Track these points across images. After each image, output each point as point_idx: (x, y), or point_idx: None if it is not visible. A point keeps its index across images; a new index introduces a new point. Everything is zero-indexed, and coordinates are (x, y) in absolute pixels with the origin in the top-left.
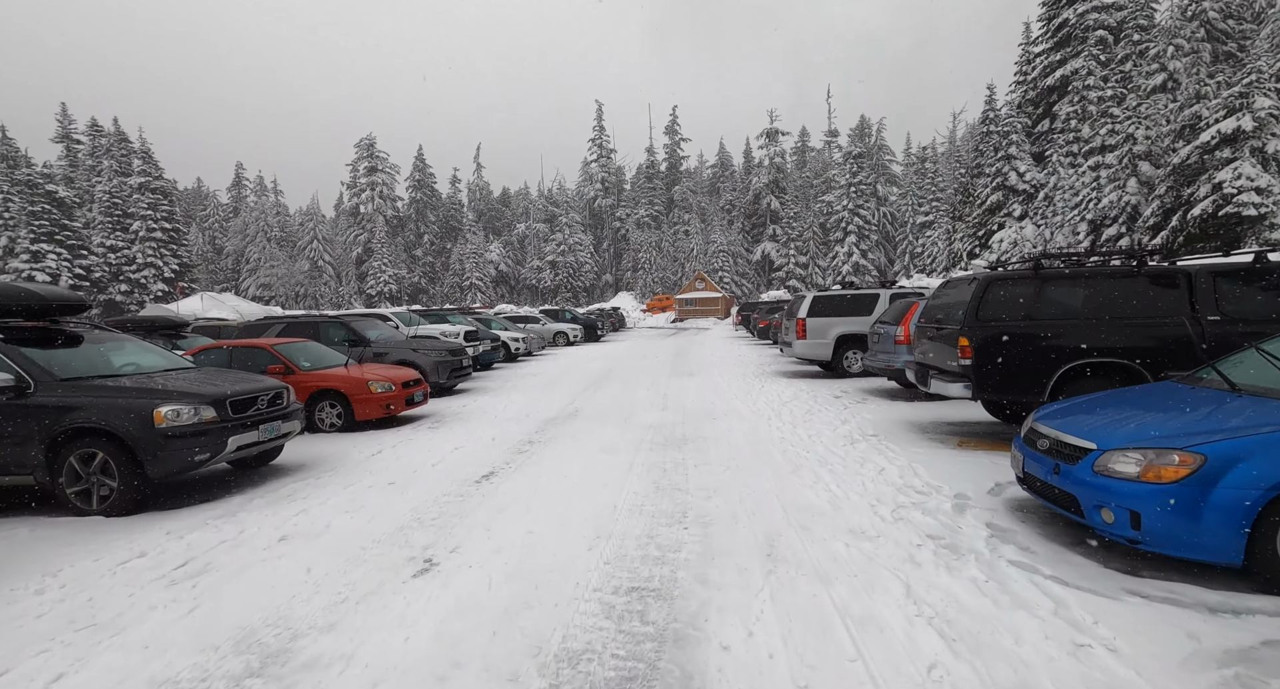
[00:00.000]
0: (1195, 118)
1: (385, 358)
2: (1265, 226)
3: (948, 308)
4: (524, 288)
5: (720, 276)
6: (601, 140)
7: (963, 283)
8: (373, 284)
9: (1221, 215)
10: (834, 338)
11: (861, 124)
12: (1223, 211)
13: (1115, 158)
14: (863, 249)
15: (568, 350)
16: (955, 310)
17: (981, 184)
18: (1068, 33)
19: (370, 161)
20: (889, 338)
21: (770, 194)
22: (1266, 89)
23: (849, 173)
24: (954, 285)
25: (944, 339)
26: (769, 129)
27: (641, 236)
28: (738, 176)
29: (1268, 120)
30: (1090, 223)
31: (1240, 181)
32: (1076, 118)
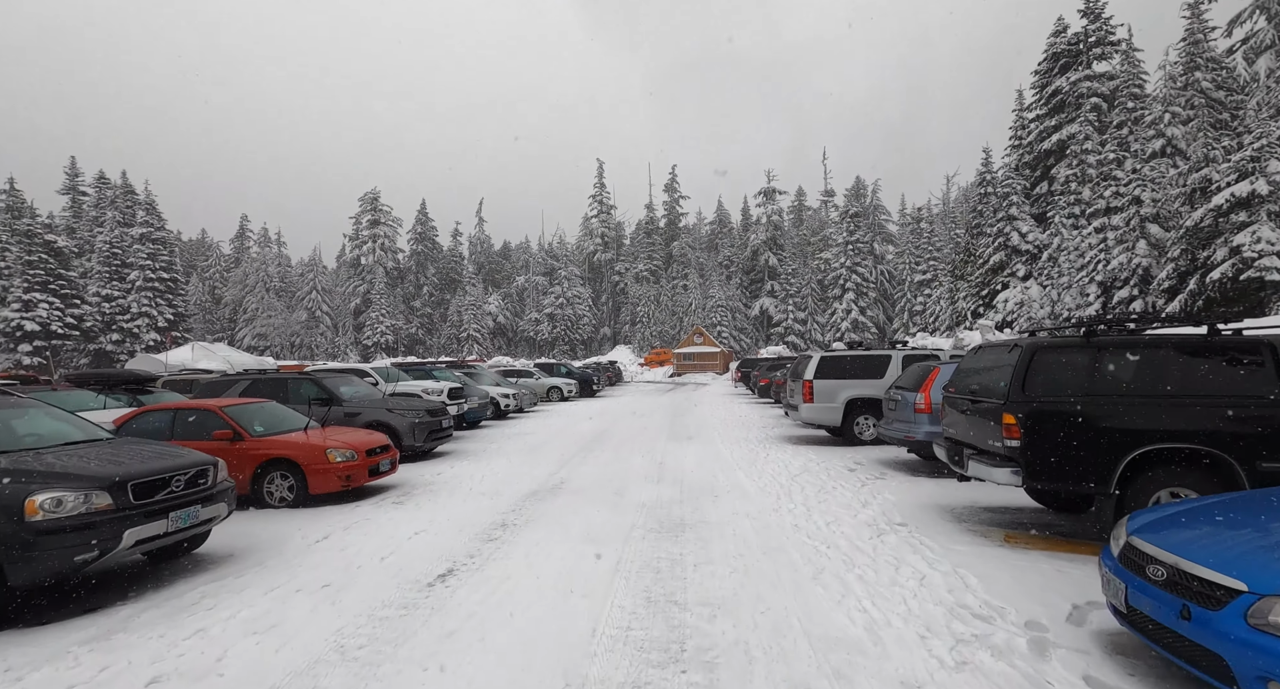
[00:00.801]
0: (1205, 181)
1: (357, 418)
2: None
3: (982, 376)
4: (522, 340)
5: (718, 331)
6: (602, 196)
7: (1000, 349)
8: (370, 335)
9: (1244, 280)
10: (844, 402)
11: (857, 185)
12: (1244, 276)
13: (1122, 220)
14: (861, 306)
15: (561, 407)
16: (993, 380)
17: (983, 244)
18: (1061, 100)
19: (373, 214)
20: (907, 405)
21: (768, 250)
22: (1279, 153)
23: (846, 231)
24: (990, 351)
25: (983, 414)
26: (766, 188)
27: (640, 290)
28: (735, 233)
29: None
30: (1100, 285)
31: (1260, 245)
32: (1076, 180)
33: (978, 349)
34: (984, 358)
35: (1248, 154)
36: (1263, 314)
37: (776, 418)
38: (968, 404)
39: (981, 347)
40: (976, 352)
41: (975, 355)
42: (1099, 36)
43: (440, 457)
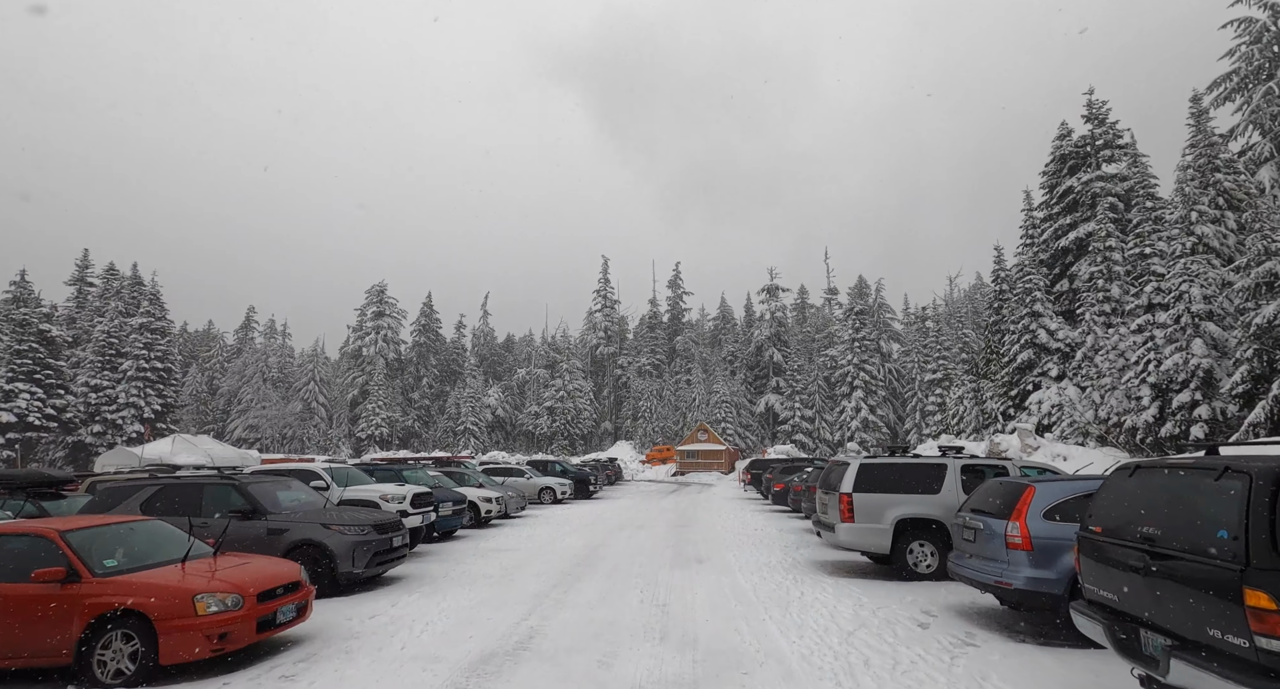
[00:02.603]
0: (1271, 274)
1: (281, 537)
2: None
3: (1157, 514)
4: (520, 434)
5: (723, 428)
6: (606, 291)
7: (1194, 474)
8: (364, 427)
9: None
10: (892, 522)
11: (859, 283)
12: None
13: (1169, 317)
14: (871, 404)
15: (553, 511)
16: (1187, 523)
17: (1009, 341)
18: (1074, 199)
19: (379, 306)
20: (994, 537)
21: (772, 346)
22: None
23: (852, 328)
24: (1157, 475)
25: (1186, 581)
26: (769, 285)
27: (643, 385)
28: (739, 329)
29: None
30: (1154, 387)
31: None
32: (1102, 277)
33: (1127, 469)
34: (1148, 483)
35: None
36: None
37: (799, 532)
38: (1140, 558)
39: (1139, 467)
40: (1131, 473)
41: (1129, 479)
42: (1106, 139)
43: (386, 584)
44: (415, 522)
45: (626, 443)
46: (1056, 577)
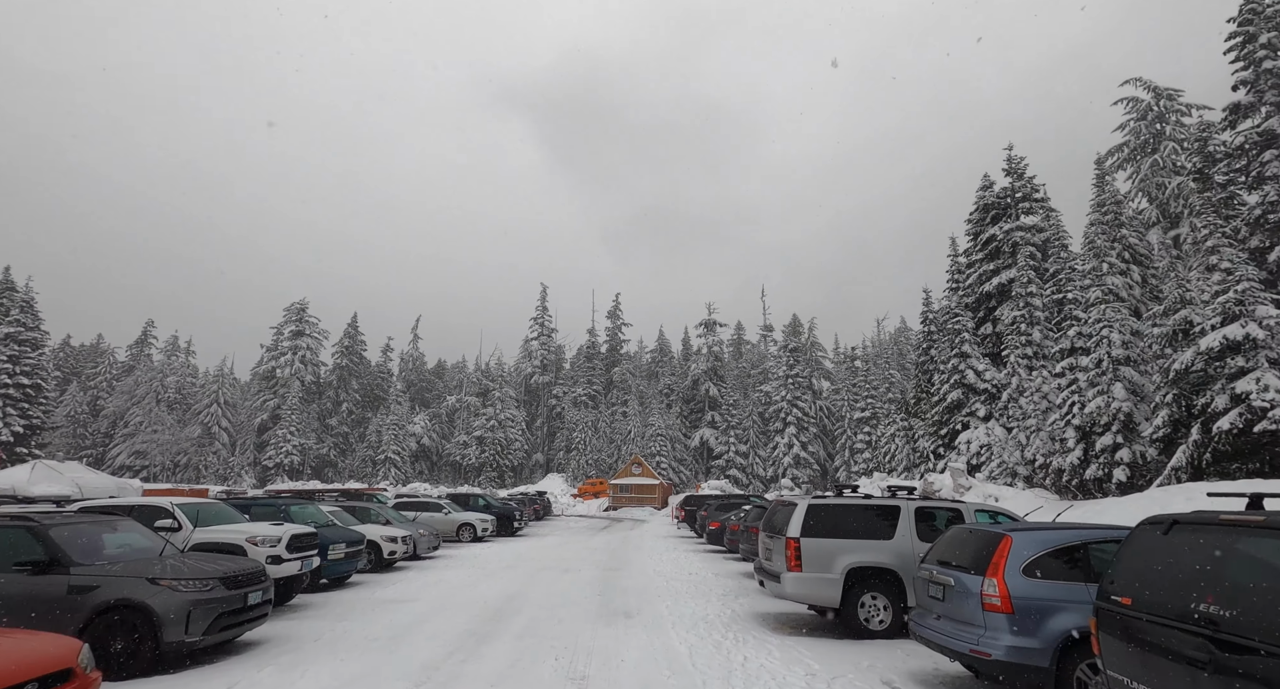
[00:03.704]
0: (1186, 322)
1: (89, 595)
2: None
3: (1214, 586)
4: (447, 464)
5: (657, 461)
6: (544, 319)
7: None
8: (273, 455)
9: (1257, 432)
10: (843, 572)
11: (794, 322)
12: (1258, 428)
13: (1091, 362)
14: (803, 441)
15: (471, 551)
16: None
17: (938, 381)
18: (997, 247)
19: (298, 325)
20: (967, 596)
21: (709, 381)
22: (1263, 297)
23: (786, 364)
24: (1216, 534)
25: None
26: (707, 319)
27: (578, 415)
28: (677, 362)
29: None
30: (1078, 429)
31: (1270, 395)
32: (1024, 321)
33: (1166, 526)
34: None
35: (1231, 297)
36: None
37: (736, 577)
38: (1201, 647)
39: (1177, 522)
40: (1166, 530)
41: (1164, 537)
42: (1024, 192)
43: (237, 653)
44: (291, 569)
45: (558, 475)
46: (1041, 646)
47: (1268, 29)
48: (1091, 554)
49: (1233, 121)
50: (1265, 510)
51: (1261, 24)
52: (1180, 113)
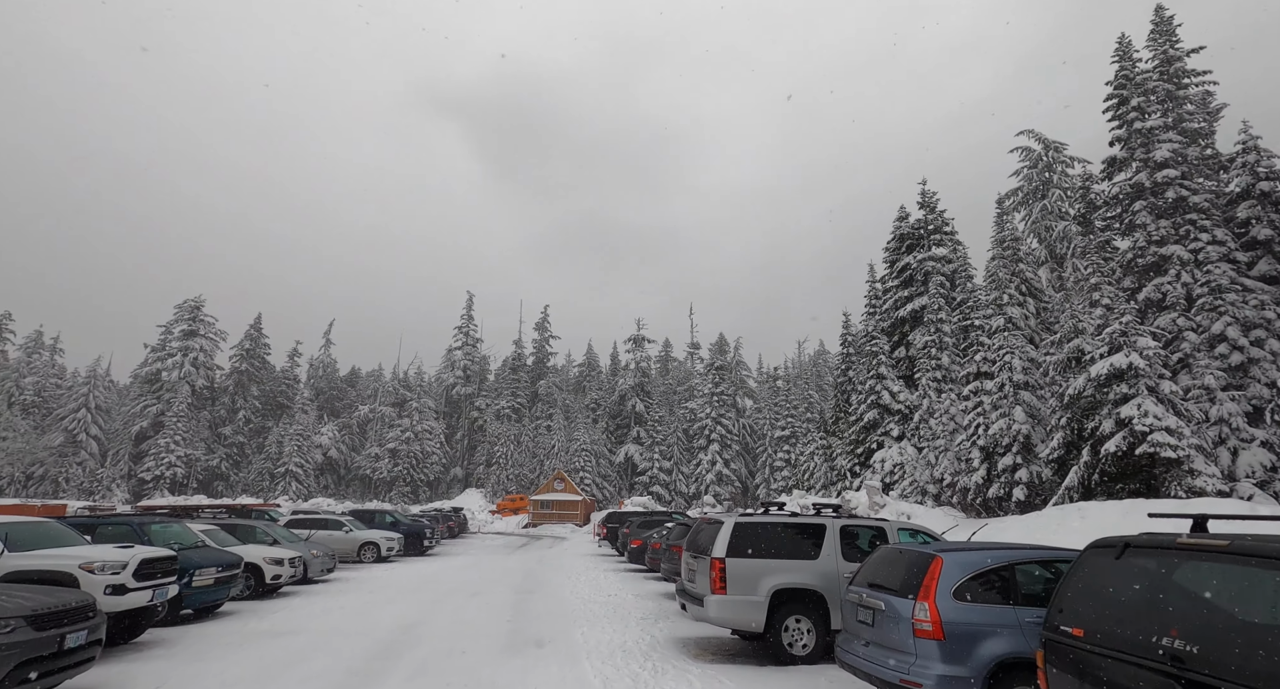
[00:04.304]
0: (1079, 351)
1: None
2: (1184, 472)
3: (1180, 619)
4: (356, 478)
5: (581, 477)
6: (469, 329)
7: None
8: (151, 467)
9: (1138, 454)
10: (768, 594)
11: (720, 340)
12: (1139, 450)
13: (994, 386)
14: (725, 458)
15: (372, 573)
16: (1241, 640)
17: (856, 401)
18: (910, 275)
19: (191, 324)
20: (898, 621)
21: (636, 396)
22: (1140, 330)
23: (712, 382)
24: (1175, 559)
25: None
26: (636, 335)
27: (500, 428)
28: (604, 377)
29: (1155, 360)
30: (983, 450)
31: (1149, 420)
32: (934, 347)
33: (1119, 550)
34: (1156, 572)
35: (1116, 329)
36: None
37: (657, 598)
38: (1167, 687)
39: (1130, 545)
40: (1120, 554)
41: (1117, 562)
42: (936, 225)
43: None
44: (139, 599)
45: (477, 491)
46: (971, 674)
47: (1138, 94)
48: (1017, 575)
49: (1109, 173)
50: (1227, 534)
51: (1133, 90)
52: (1065, 164)
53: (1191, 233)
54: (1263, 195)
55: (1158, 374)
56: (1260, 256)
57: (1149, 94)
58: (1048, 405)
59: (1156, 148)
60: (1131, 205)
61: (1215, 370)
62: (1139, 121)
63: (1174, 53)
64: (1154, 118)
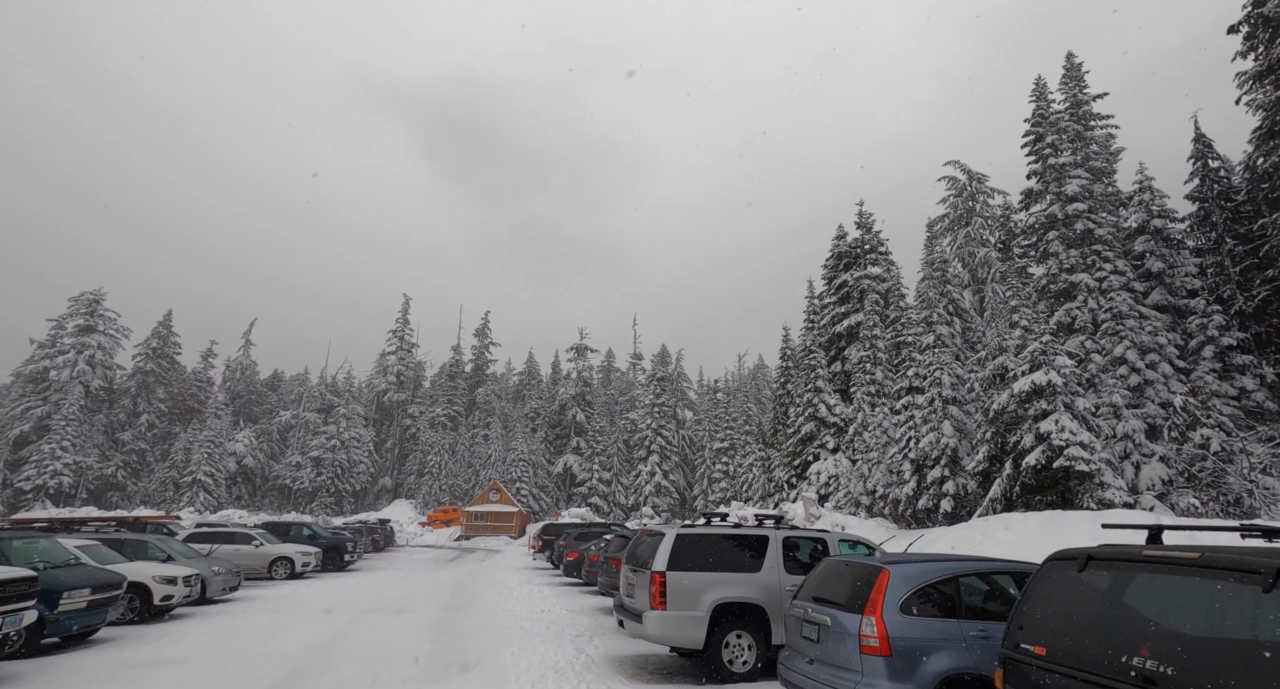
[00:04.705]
0: (1003, 368)
1: None
2: (1095, 484)
3: (1151, 636)
4: (274, 489)
5: (518, 488)
6: (404, 333)
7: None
8: (32, 475)
9: (1056, 467)
10: (709, 608)
11: (662, 352)
12: (1056, 464)
13: (925, 400)
14: (664, 469)
15: (284, 590)
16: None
17: (794, 414)
18: (847, 292)
19: (88, 319)
20: (844, 637)
21: (576, 406)
22: (1058, 350)
23: (653, 393)
24: (1141, 572)
25: None
26: (579, 344)
27: (435, 437)
28: (545, 386)
29: (1071, 378)
30: (913, 463)
31: (1065, 434)
32: (869, 362)
33: (1081, 563)
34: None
35: (1036, 348)
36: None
37: (593, 613)
38: None
39: (1093, 558)
40: (1082, 567)
41: (1080, 575)
42: (871, 244)
43: None
44: None
45: (407, 502)
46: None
47: (1052, 132)
48: (961, 588)
49: (1027, 204)
50: (1197, 546)
51: (1047, 128)
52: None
53: (1097, 262)
54: (1155, 231)
55: (1072, 392)
56: (1154, 287)
57: (1061, 133)
58: (974, 420)
59: (1068, 182)
60: (1046, 235)
61: (1121, 390)
62: (1052, 157)
63: (1082, 96)
64: (1065, 155)
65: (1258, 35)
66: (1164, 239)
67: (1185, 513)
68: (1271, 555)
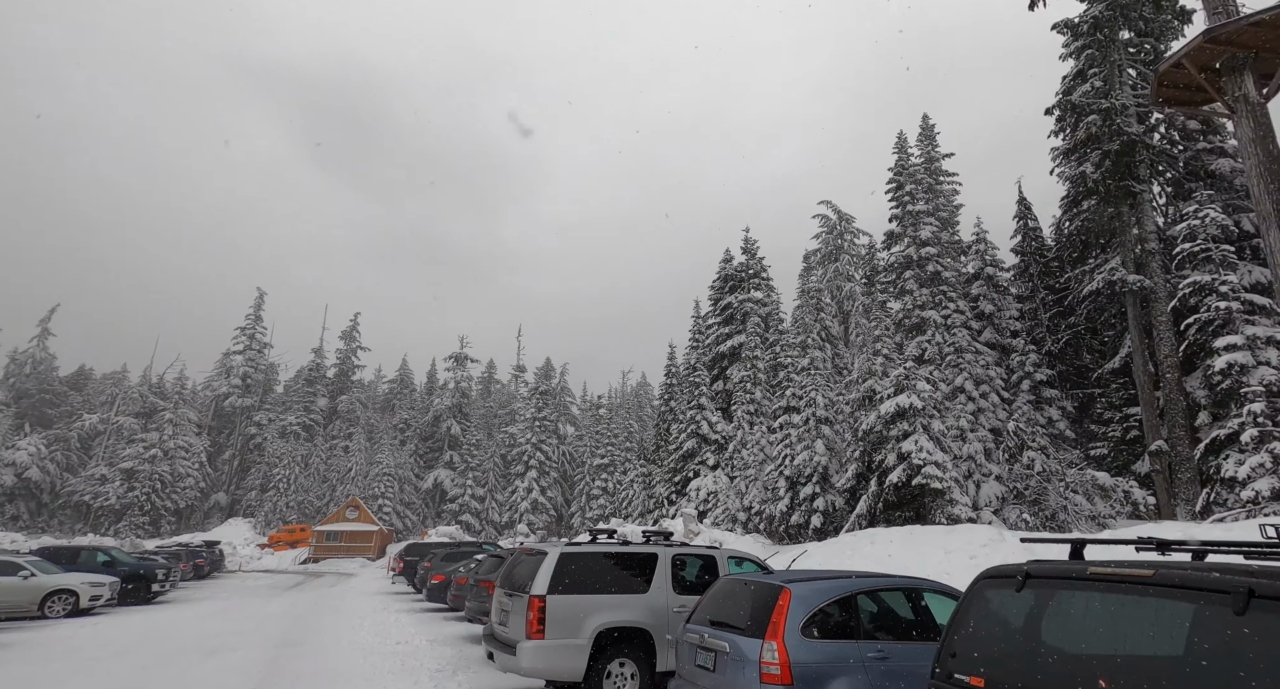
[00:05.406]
0: (871, 391)
1: None
2: (946, 501)
3: (1106, 663)
4: (68, 507)
5: (380, 505)
6: (255, 331)
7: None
8: None
9: (914, 484)
10: (592, 635)
11: (547, 365)
12: (914, 481)
13: (801, 419)
14: (543, 485)
15: (60, 632)
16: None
17: (676, 430)
18: (731, 313)
19: None
20: (744, 665)
21: (452, 417)
22: (919, 376)
23: (535, 407)
24: (1085, 590)
25: None
26: (458, 353)
27: (285, 448)
28: (419, 396)
29: (929, 402)
30: (788, 479)
31: (923, 454)
32: (750, 382)
33: (1019, 581)
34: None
35: (901, 373)
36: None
37: (458, 643)
38: None
39: (1031, 575)
40: (1020, 586)
41: (1018, 596)
42: (756, 270)
43: None
44: None
45: (245, 521)
46: None
47: (910, 182)
48: (859, 606)
49: (889, 245)
50: (1149, 561)
51: (906, 177)
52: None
53: (943, 301)
54: (988, 278)
55: (929, 415)
56: (986, 326)
57: (917, 183)
58: (844, 439)
59: (923, 227)
60: (903, 273)
61: (966, 415)
62: (910, 204)
63: (934, 154)
64: (920, 203)
65: (1066, 119)
66: (994, 285)
67: (1014, 526)
68: (1236, 573)
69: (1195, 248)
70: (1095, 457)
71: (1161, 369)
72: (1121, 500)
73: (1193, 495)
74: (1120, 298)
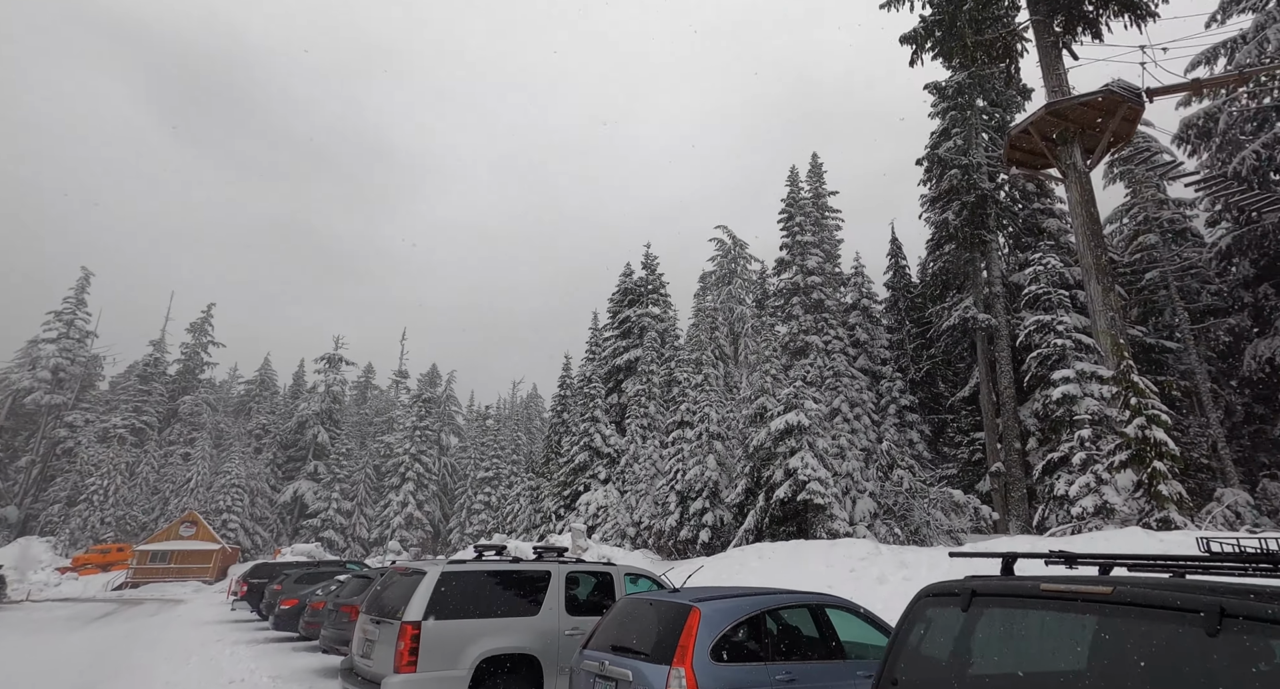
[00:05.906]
0: (763, 408)
1: None
2: (828, 516)
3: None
4: None
5: (225, 520)
6: (75, 317)
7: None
8: None
9: (799, 500)
10: (473, 665)
11: (432, 372)
12: (800, 497)
13: (694, 434)
14: (420, 499)
15: None
16: None
17: (568, 443)
18: (629, 327)
19: None
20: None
21: (320, 424)
22: (807, 395)
23: (416, 415)
24: (1038, 609)
25: None
26: (332, 354)
27: (104, 454)
28: (282, 400)
29: (816, 420)
30: (679, 494)
31: (809, 470)
32: (645, 396)
33: (965, 600)
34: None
35: (791, 391)
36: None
37: (311, 678)
38: None
39: (977, 593)
40: (966, 605)
41: (965, 616)
42: (655, 285)
43: None
44: None
45: (42, 541)
46: None
47: (800, 213)
48: (767, 626)
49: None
50: (1108, 578)
51: (796, 209)
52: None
53: (825, 328)
54: (864, 309)
55: (815, 433)
56: (860, 353)
57: (806, 216)
58: (735, 455)
59: (809, 257)
60: (791, 299)
61: (846, 434)
62: (799, 235)
63: (822, 190)
64: (808, 234)
65: (933, 170)
66: (868, 316)
67: (884, 540)
68: (1200, 591)
69: (1040, 290)
70: (947, 476)
71: (1002, 399)
72: (972, 516)
73: (1024, 512)
74: (972, 334)
